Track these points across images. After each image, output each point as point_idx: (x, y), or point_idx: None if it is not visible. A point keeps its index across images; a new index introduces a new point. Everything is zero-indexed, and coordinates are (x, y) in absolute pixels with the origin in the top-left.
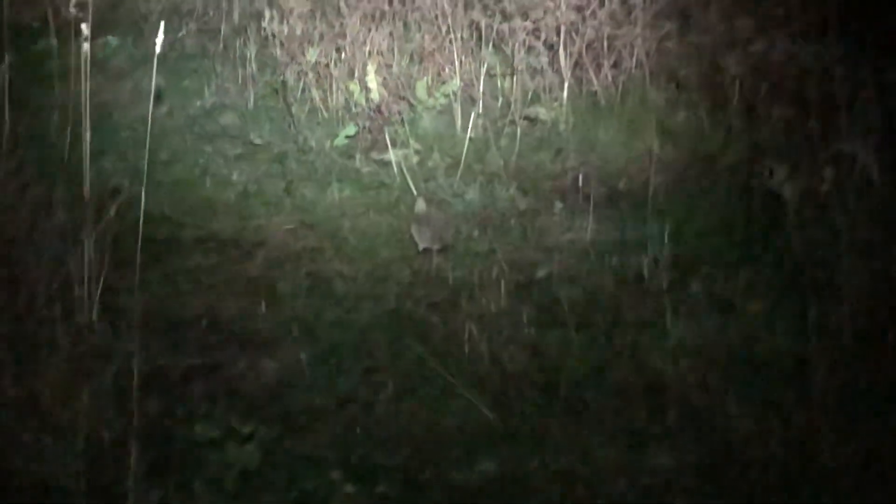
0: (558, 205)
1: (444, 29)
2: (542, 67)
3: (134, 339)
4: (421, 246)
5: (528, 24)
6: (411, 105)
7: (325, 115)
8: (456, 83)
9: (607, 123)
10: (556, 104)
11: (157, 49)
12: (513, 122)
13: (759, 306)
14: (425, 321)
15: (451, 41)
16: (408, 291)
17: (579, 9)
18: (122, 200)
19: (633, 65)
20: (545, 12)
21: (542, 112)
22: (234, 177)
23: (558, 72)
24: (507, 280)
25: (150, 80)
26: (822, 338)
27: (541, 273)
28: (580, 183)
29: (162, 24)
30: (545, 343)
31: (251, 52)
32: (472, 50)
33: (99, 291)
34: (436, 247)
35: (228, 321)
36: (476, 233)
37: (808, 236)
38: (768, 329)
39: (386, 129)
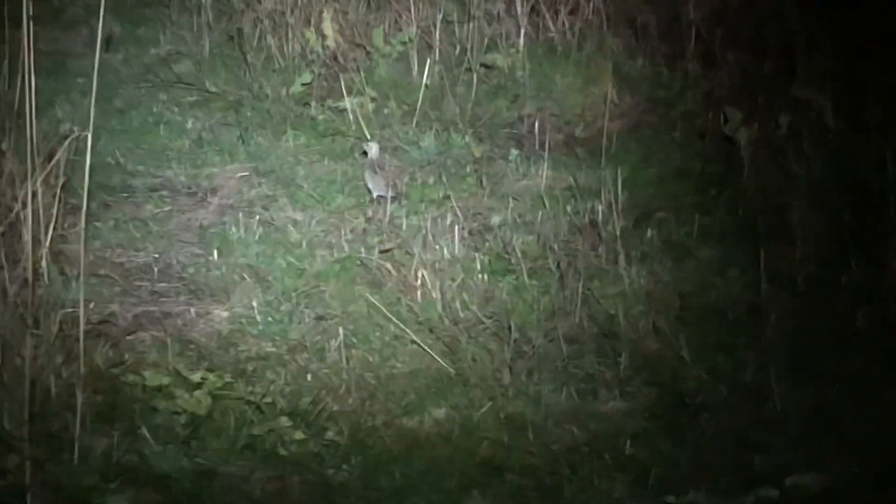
0: (514, 152)
1: None
2: (498, 14)
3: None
4: (375, 193)
5: None
6: (368, 53)
7: (282, 62)
8: (413, 30)
9: (564, 70)
10: (512, 51)
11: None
12: (469, 70)
13: (713, 252)
14: (378, 268)
15: None
16: (361, 239)
17: None
18: (72, 147)
19: (591, 11)
20: None
21: (498, 59)
22: (189, 125)
23: (515, 18)
24: (461, 227)
25: (106, 28)
26: (774, 283)
27: (495, 220)
28: (536, 130)
29: None
30: (497, 290)
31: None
32: None
33: (49, 239)
34: (390, 194)
35: (180, 269)
36: (431, 180)
37: (763, 182)
38: (721, 275)
39: (342, 76)
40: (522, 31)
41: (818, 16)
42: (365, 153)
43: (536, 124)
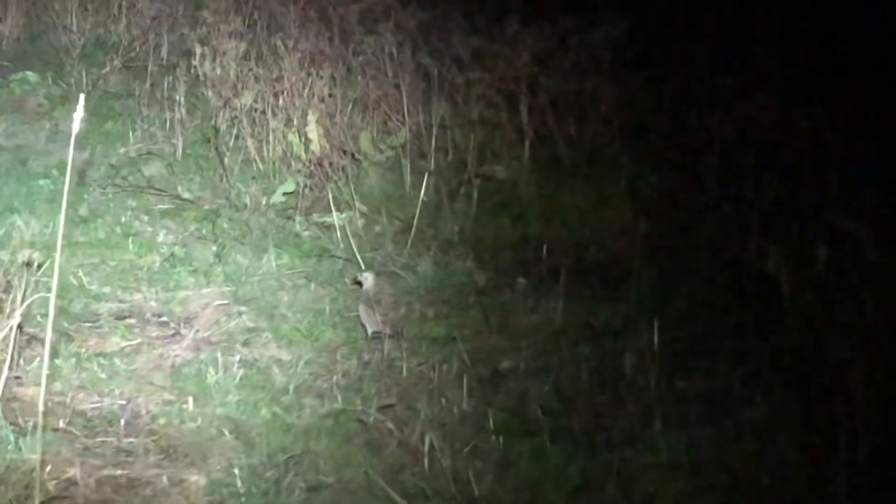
0: (521, 280)
1: (390, 74)
2: (500, 120)
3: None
4: (370, 330)
5: (485, 74)
6: (355, 159)
7: (261, 166)
8: (404, 135)
9: (573, 185)
10: (515, 162)
11: (76, 128)
12: (468, 182)
13: (758, 413)
14: (377, 426)
15: (398, 87)
16: (356, 386)
17: (540, 58)
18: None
19: (601, 120)
20: (503, 61)
21: (499, 171)
22: (160, 237)
23: (518, 125)
24: (469, 374)
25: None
26: (834, 455)
27: (505, 364)
28: (544, 254)
29: (82, 97)
30: (516, 456)
31: (180, 93)
32: (422, 98)
33: (2, 383)
34: (387, 331)
35: (149, 419)
36: (431, 313)
37: (810, 329)
38: (772, 443)
39: (328, 186)
40: (527, 142)
41: (856, 135)
42: (359, 283)
43: (545, 248)
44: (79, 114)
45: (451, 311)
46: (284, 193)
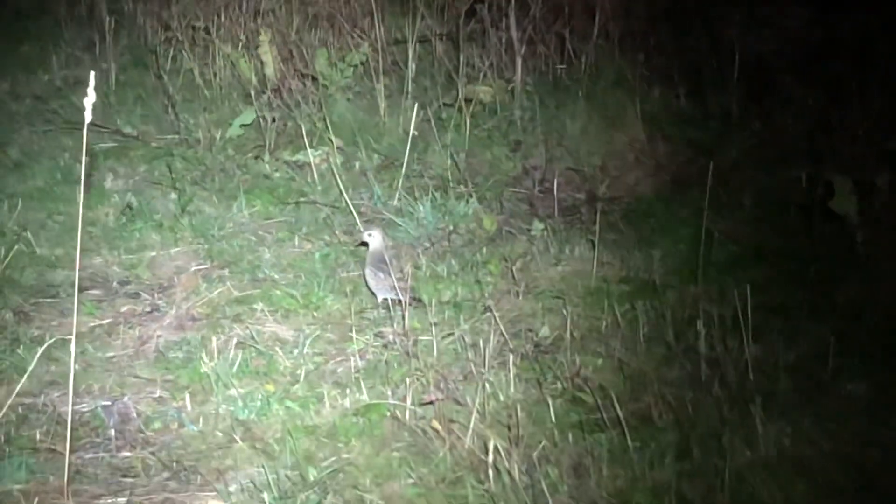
0: (538, 225)
1: None
2: (485, 32)
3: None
4: (380, 297)
5: None
6: (317, 83)
7: (207, 94)
8: (364, 51)
9: (574, 107)
10: (506, 84)
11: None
12: (457, 107)
13: (858, 387)
14: (422, 428)
15: None
16: (383, 373)
17: None
18: None
19: (597, 33)
20: None
21: (485, 92)
22: (108, 183)
23: (506, 41)
24: (511, 349)
25: None
26: None
27: (544, 332)
28: (555, 188)
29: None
30: (593, 456)
31: (102, 9)
32: (395, 10)
33: None
34: (408, 297)
35: (143, 424)
36: (443, 270)
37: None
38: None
39: (298, 116)
40: (518, 60)
41: None
42: (364, 244)
43: (555, 182)
44: None
45: (463, 266)
46: (242, 125)
